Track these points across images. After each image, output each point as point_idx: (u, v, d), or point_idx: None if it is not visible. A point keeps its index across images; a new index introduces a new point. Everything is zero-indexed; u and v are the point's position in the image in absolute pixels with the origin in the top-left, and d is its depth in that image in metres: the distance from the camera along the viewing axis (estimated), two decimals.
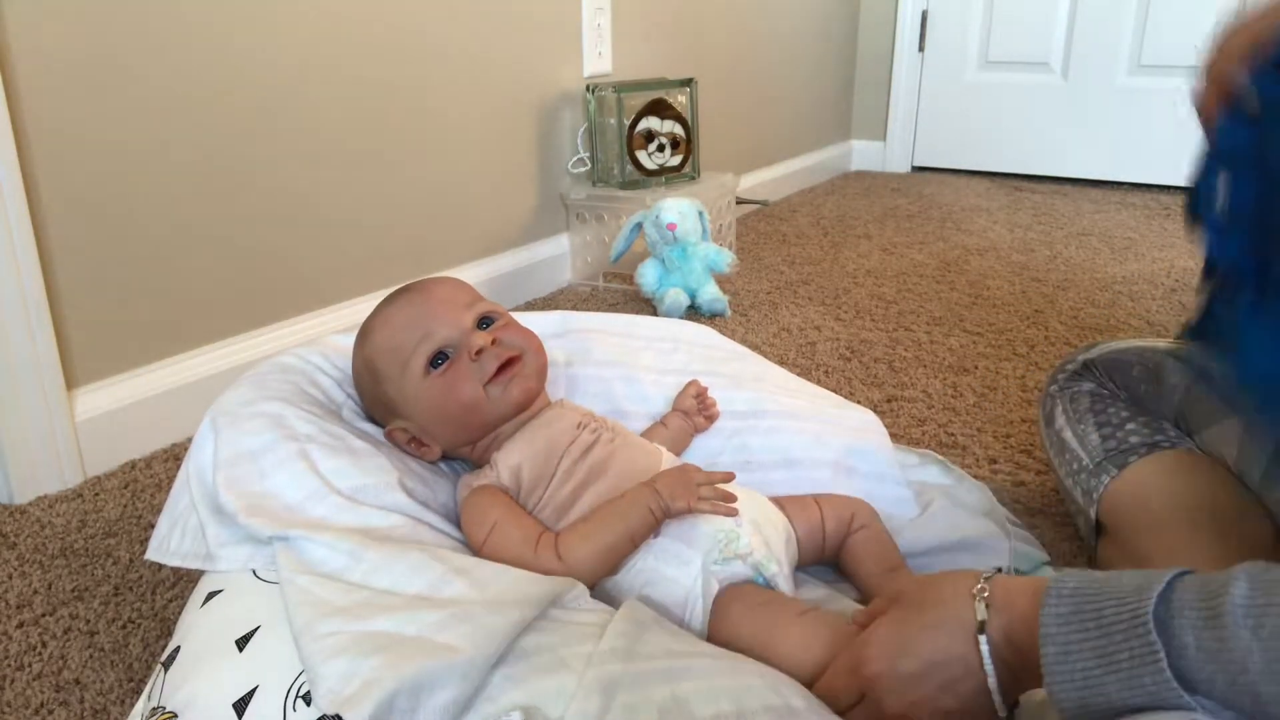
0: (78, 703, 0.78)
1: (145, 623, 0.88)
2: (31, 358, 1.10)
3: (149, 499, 1.11)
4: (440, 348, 0.78)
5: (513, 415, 0.79)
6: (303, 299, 1.44)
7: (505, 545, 0.72)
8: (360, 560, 0.66)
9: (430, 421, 0.79)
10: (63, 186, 1.12)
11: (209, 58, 1.25)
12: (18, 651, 0.84)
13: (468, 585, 0.64)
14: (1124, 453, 0.85)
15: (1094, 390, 0.92)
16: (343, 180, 1.47)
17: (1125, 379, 0.91)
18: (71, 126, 1.12)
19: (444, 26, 1.59)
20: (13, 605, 0.91)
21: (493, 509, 0.74)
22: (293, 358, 0.87)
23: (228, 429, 0.76)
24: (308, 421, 0.78)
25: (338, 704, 0.55)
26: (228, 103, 1.28)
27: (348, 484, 0.73)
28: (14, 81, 1.06)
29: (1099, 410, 0.90)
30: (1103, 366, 0.92)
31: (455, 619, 0.60)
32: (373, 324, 0.82)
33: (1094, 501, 0.86)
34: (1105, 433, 0.88)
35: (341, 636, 0.59)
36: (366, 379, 0.82)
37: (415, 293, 0.82)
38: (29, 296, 1.08)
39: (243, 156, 1.31)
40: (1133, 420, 0.87)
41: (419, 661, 0.56)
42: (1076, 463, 0.89)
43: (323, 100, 1.41)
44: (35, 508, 1.10)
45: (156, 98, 1.20)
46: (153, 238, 1.22)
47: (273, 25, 1.32)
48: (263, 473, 0.73)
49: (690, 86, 1.98)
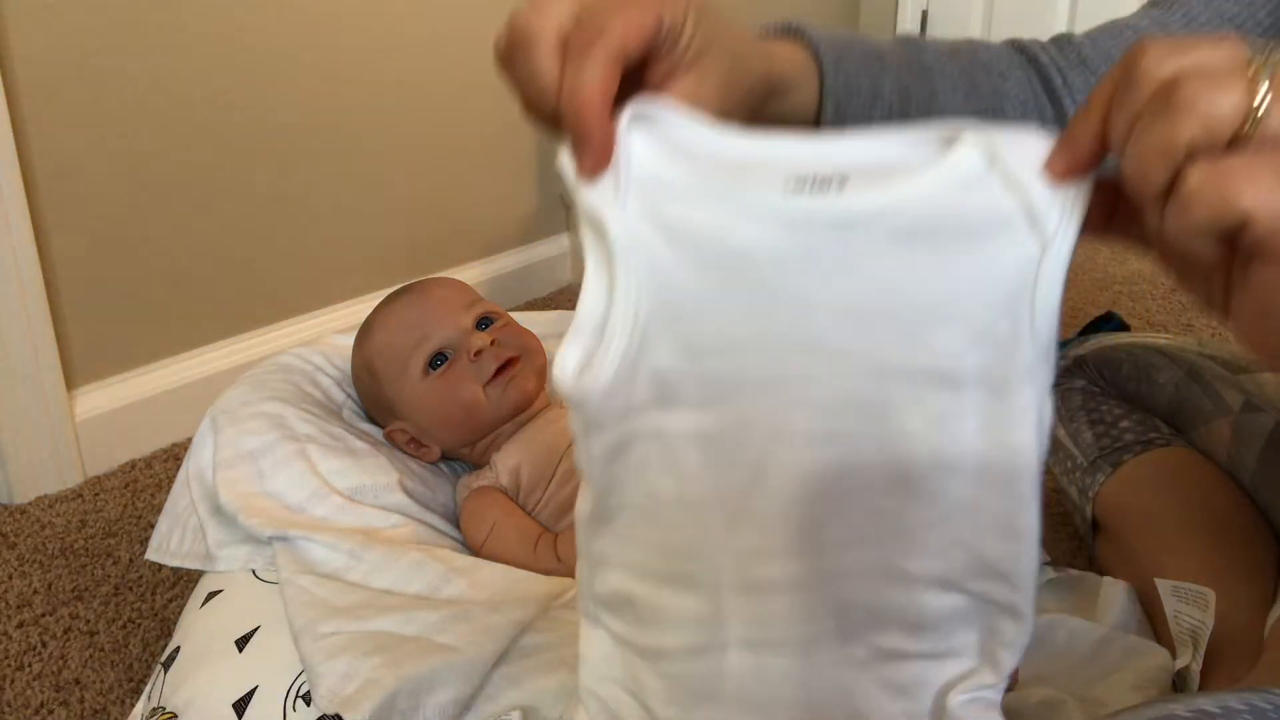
0: (78, 703, 0.78)
1: (145, 623, 0.88)
2: (31, 358, 1.10)
3: (149, 499, 1.11)
4: (439, 349, 0.78)
5: (512, 416, 0.79)
6: (303, 299, 1.44)
7: (504, 546, 0.72)
8: (360, 560, 0.66)
9: (429, 422, 0.79)
10: (63, 187, 1.12)
11: (209, 58, 1.25)
12: (18, 651, 0.84)
13: (467, 585, 0.64)
14: (1118, 450, 0.85)
15: (1086, 387, 0.92)
16: (342, 180, 1.47)
17: (1116, 376, 0.91)
18: (71, 127, 1.12)
19: (444, 26, 1.59)
20: (13, 605, 0.91)
21: (492, 510, 0.74)
22: (293, 358, 0.87)
23: (228, 429, 0.76)
24: (308, 421, 0.78)
25: (338, 704, 0.55)
26: (228, 103, 1.28)
27: (347, 484, 0.73)
28: (14, 82, 1.06)
29: (1092, 408, 0.89)
30: (1094, 363, 0.92)
31: (455, 619, 0.60)
32: (372, 325, 0.82)
33: (1089, 500, 0.86)
34: (1099, 430, 0.87)
35: (341, 636, 0.59)
36: (366, 380, 0.82)
37: (415, 293, 0.82)
38: (29, 297, 1.08)
39: (243, 156, 1.31)
40: (1126, 418, 0.87)
41: (419, 661, 0.56)
42: (1070, 461, 0.89)
43: (322, 100, 1.41)
44: (35, 508, 1.10)
45: (157, 98, 1.20)
46: (153, 238, 1.22)
47: (272, 25, 1.32)
48: (262, 473, 0.73)
49: None
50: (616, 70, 0.36)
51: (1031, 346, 0.35)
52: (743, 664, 0.40)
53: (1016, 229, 0.34)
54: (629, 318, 0.36)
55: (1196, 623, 0.66)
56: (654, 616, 0.41)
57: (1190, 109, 0.29)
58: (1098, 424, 0.88)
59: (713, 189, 0.36)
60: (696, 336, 0.36)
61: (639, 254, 0.36)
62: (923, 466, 0.37)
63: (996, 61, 0.59)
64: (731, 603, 0.39)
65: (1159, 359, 0.88)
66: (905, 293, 0.35)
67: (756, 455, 0.37)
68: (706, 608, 0.39)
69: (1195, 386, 0.84)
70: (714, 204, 0.36)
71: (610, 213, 0.36)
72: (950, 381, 0.36)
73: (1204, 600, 0.67)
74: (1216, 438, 0.82)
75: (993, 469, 0.37)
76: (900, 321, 0.36)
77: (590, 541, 0.41)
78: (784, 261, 0.35)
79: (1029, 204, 0.34)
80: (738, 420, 0.37)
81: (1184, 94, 0.29)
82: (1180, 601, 0.68)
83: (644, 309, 0.36)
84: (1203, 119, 0.29)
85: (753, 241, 0.35)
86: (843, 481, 0.37)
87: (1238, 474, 0.80)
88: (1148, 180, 0.30)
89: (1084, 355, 0.93)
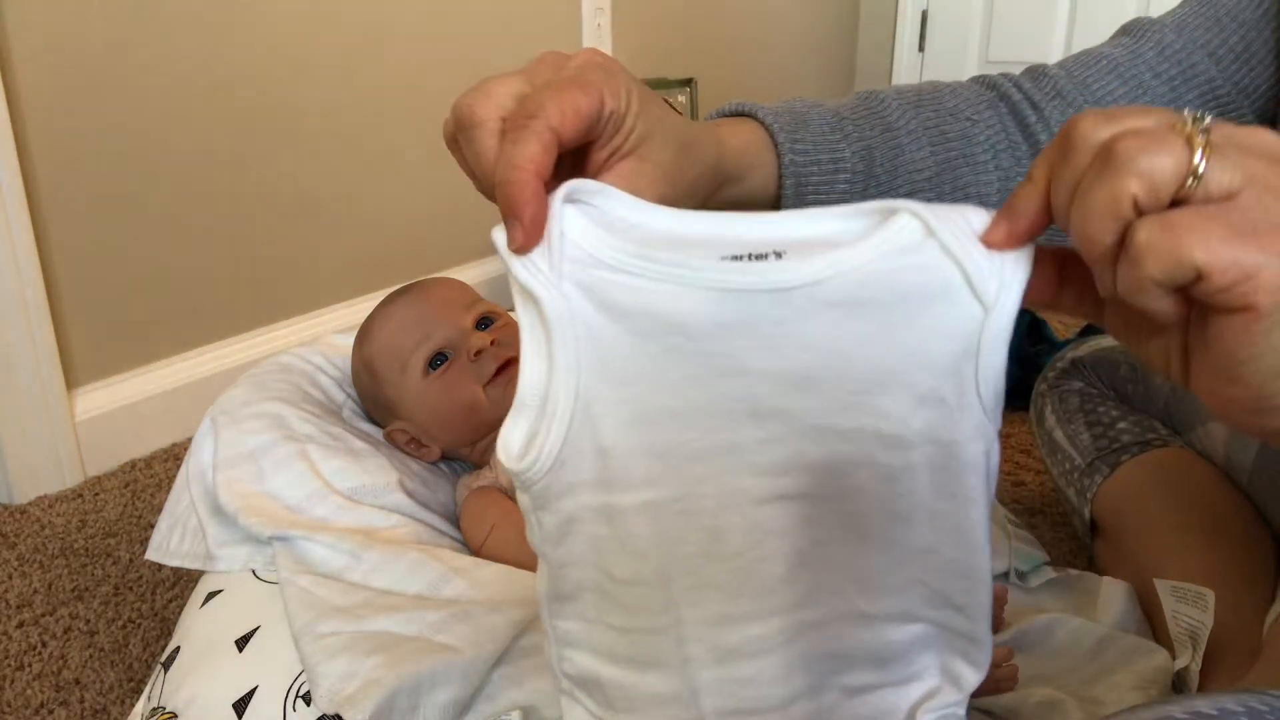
0: (78, 703, 0.78)
1: (145, 623, 0.88)
2: (31, 358, 1.10)
3: (149, 499, 1.11)
4: (439, 349, 0.78)
5: None
6: (303, 299, 1.45)
7: (504, 546, 0.72)
8: (360, 560, 0.66)
9: (429, 422, 0.79)
10: (63, 186, 1.12)
11: (209, 58, 1.25)
12: (18, 651, 0.84)
13: (467, 585, 0.64)
14: (1116, 452, 0.85)
15: (1083, 389, 0.92)
16: (343, 180, 1.47)
17: (1113, 377, 0.91)
18: (71, 127, 1.12)
19: (444, 26, 1.59)
20: (13, 605, 0.91)
21: (492, 510, 0.74)
22: (293, 358, 0.87)
23: (228, 429, 0.76)
24: (308, 422, 0.78)
25: (338, 704, 0.55)
26: (228, 103, 1.28)
27: (347, 484, 0.73)
28: (14, 81, 1.06)
29: (1089, 409, 0.89)
30: (1091, 364, 0.92)
31: (455, 619, 0.60)
32: (372, 325, 0.82)
33: (1087, 501, 0.86)
34: (1096, 432, 0.87)
35: (341, 636, 0.59)
36: (366, 380, 0.82)
37: (415, 293, 0.82)
38: (29, 296, 1.08)
39: (243, 157, 1.31)
40: (1123, 419, 0.87)
41: (419, 661, 0.56)
42: (1069, 462, 0.89)
43: (322, 100, 1.41)
44: (35, 508, 1.10)
45: (156, 98, 1.20)
46: (153, 238, 1.22)
47: (272, 26, 1.32)
48: (262, 473, 0.73)
49: (690, 86, 1.98)
50: (550, 147, 0.36)
51: (978, 407, 0.35)
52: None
53: (957, 294, 0.34)
54: (570, 392, 0.36)
55: (1195, 623, 0.66)
56: (625, 697, 0.41)
57: (1131, 165, 0.29)
58: (1095, 425, 0.88)
59: (648, 263, 0.36)
60: (640, 408, 0.36)
61: (576, 327, 0.36)
62: (877, 519, 0.37)
63: (964, 106, 0.58)
64: (702, 676, 0.39)
65: None
66: (847, 359, 0.35)
67: (710, 522, 0.37)
68: (677, 685, 0.40)
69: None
70: (650, 277, 0.35)
71: (543, 287, 0.36)
72: (897, 442, 0.36)
73: (1203, 600, 0.67)
74: (1214, 438, 0.82)
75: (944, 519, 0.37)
76: (843, 388, 0.36)
77: (553, 619, 0.41)
78: (722, 332, 0.35)
79: (968, 270, 0.34)
80: (688, 489, 0.37)
81: (1123, 152, 0.29)
82: (1179, 601, 0.68)
83: (584, 383, 0.36)
84: (1144, 175, 0.29)
85: (690, 312, 0.35)
86: (799, 538, 0.37)
87: (1235, 475, 0.80)
88: (1096, 241, 0.30)
89: (1081, 357, 0.93)
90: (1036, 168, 0.33)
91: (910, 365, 0.35)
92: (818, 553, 0.37)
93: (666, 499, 0.37)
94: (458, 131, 0.39)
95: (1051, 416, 0.92)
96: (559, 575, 0.39)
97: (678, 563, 0.38)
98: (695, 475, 0.37)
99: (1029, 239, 0.34)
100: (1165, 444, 0.84)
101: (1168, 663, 0.67)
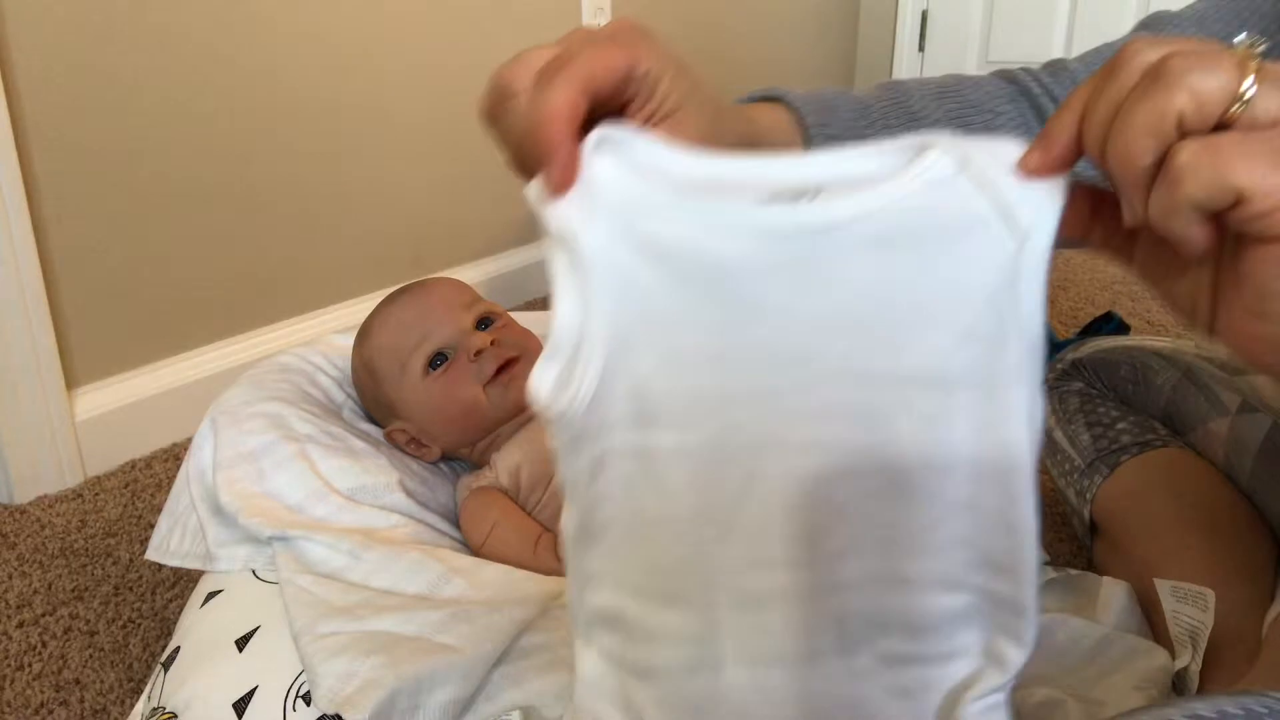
0: (78, 703, 0.78)
1: (145, 623, 0.88)
2: (31, 358, 1.10)
3: (149, 499, 1.11)
4: (439, 349, 0.78)
5: (512, 416, 0.79)
6: (303, 299, 1.45)
7: (504, 546, 0.72)
8: (360, 560, 0.66)
9: (429, 422, 0.79)
10: (63, 187, 1.12)
11: (209, 58, 1.25)
12: (18, 651, 0.84)
13: (467, 585, 0.64)
14: (1115, 452, 0.85)
15: (1083, 390, 0.92)
16: (343, 180, 1.47)
17: (1113, 378, 0.91)
18: (71, 127, 1.12)
19: (444, 26, 1.59)
20: (13, 605, 0.91)
21: (492, 510, 0.74)
22: (293, 358, 0.87)
23: (228, 429, 0.76)
24: (307, 421, 0.78)
25: (338, 704, 0.55)
26: (227, 102, 1.28)
27: (347, 484, 0.74)
28: (14, 83, 1.06)
29: (1089, 410, 0.90)
30: (1091, 365, 0.92)
31: (455, 619, 0.60)
32: (372, 324, 0.82)
33: (1087, 502, 0.86)
34: (1096, 432, 0.87)
35: (341, 636, 0.59)
36: (366, 379, 0.82)
37: (415, 293, 0.82)
38: (29, 296, 1.08)
39: (243, 157, 1.31)
40: (1123, 420, 0.87)
41: (419, 661, 0.56)
42: (1068, 463, 0.89)
43: (322, 99, 1.41)
44: (35, 508, 1.10)
45: (156, 98, 1.20)
46: (153, 238, 1.22)
47: (272, 26, 1.32)
48: (262, 473, 0.73)
49: None
50: (582, 95, 0.36)
51: (1019, 342, 0.35)
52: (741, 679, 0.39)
53: (991, 226, 0.34)
54: (607, 333, 0.35)
55: (1196, 623, 0.66)
56: (646, 634, 0.40)
57: (1180, 82, 0.29)
58: (1095, 426, 0.88)
59: (684, 205, 0.35)
60: (677, 351, 0.36)
61: (613, 269, 0.35)
62: (916, 469, 0.36)
63: (986, 99, 0.58)
64: (726, 618, 0.39)
65: (1156, 361, 0.88)
66: (886, 297, 0.35)
67: (745, 468, 0.37)
68: (700, 624, 0.39)
69: (1192, 388, 0.84)
70: (687, 219, 0.35)
71: (580, 228, 0.35)
72: (939, 382, 0.35)
73: (1203, 600, 0.67)
74: (1214, 439, 0.82)
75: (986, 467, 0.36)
76: (883, 326, 0.35)
77: (578, 559, 0.40)
78: (762, 272, 0.35)
79: (1001, 201, 0.34)
80: (723, 433, 0.37)
81: (1175, 68, 0.29)
82: (1179, 601, 0.68)
83: (622, 324, 0.36)
84: (1193, 93, 0.29)
85: (729, 254, 0.35)
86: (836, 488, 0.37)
87: (1235, 475, 0.80)
88: (1134, 160, 0.30)
89: (1080, 358, 0.93)
90: (1076, 94, 0.33)
91: (948, 301, 0.35)
92: (855, 505, 0.37)
93: (702, 441, 0.37)
94: (495, 104, 0.39)
95: (1051, 417, 0.92)
96: (588, 515, 0.39)
97: (711, 505, 0.37)
98: (732, 418, 0.36)
99: (1064, 167, 0.34)
100: (1165, 444, 0.84)
101: (1168, 663, 0.67)
